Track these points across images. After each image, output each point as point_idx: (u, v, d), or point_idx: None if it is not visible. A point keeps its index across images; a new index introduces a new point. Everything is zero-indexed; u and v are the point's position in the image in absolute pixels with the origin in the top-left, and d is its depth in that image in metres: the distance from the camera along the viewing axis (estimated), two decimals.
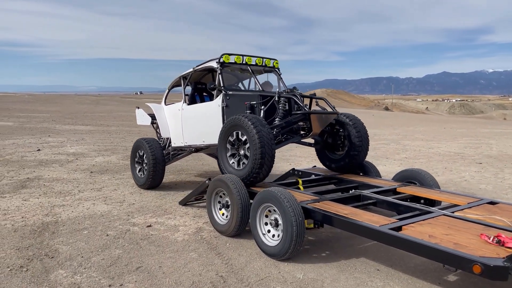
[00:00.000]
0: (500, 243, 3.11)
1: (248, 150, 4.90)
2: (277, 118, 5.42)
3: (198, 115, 6.60)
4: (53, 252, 4.28)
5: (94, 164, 9.66)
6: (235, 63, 6.25)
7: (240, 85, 7.11)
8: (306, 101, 5.84)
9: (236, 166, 5.15)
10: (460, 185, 8.05)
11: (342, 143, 6.06)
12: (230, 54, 6.16)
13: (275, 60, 6.64)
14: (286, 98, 5.49)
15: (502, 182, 8.36)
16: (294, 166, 8.46)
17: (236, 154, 5.20)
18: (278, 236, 4.16)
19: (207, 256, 4.26)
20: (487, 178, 8.82)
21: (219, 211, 5.04)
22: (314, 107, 5.85)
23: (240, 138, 5.04)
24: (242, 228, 4.69)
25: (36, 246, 4.42)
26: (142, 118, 7.95)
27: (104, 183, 7.65)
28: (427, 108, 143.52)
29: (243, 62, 6.29)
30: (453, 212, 4.08)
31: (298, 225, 3.91)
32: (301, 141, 5.96)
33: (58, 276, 3.72)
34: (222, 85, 5.98)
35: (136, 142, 7.48)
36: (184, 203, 6.21)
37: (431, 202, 4.87)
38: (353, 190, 5.31)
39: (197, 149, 7.15)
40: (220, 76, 6.04)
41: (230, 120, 5.12)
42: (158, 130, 7.66)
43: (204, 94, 7.37)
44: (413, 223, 3.68)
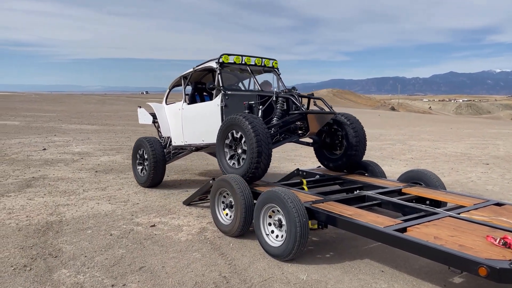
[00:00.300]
0: (506, 245, 3.07)
1: (245, 149, 4.95)
2: (274, 118, 5.47)
3: (198, 115, 6.67)
4: (56, 251, 4.28)
5: (99, 163, 9.69)
6: (234, 63, 6.31)
7: (240, 85, 7.16)
8: (306, 101, 5.90)
9: (233, 164, 5.22)
10: (466, 186, 7.98)
11: (340, 143, 6.12)
12: (229, 55, 6.21)
13: (274, 60, 6.69)
14: (284, 98, 5.53)
15: (509, 183, 8.28)
16: (299, 166, 8.42)
17: (233, 153, 5.26)
18: (282, 236, 4.14)
19: (211, 256, 4.24)
20: (494, 179, 8.74)
21: (223, 211, 5.03)
22: (312, 107, 5.89)
23: (237, 137, 5.10)
24: (245, 228, 4.67)
25: (40, 245, 4.43)
26: (144, 117, 8.07)
27: (108, 183, 7.66)
28: (430, 107, 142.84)
29: (242, 62, 6.34)
30: (459, 213, 4.04)
31: (302, 225, 3.88)
32: (299, 140, 6.02)
33: (61, 275, 3.72)
34: (221, 85, 6.03)
35: (137, 141, 7.57)
36: (188, 203, 6.20)
37: (437, 203, 4.82)
38: (357, 191, 5.28)
39: (197, 148, 7.21)
40: (219, 76, 6.10)
41: (228, 119, 5.19)
42: (159, 129, 7.72)
43: (204, 93, 7.43)
44: (418, 225, 3.65)
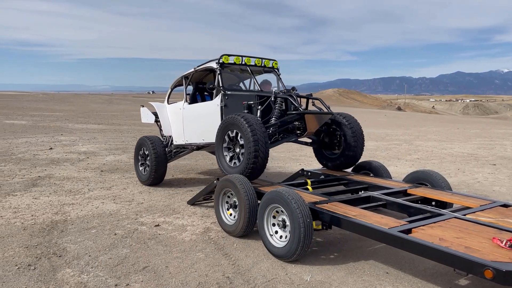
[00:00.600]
0: None
1: (243, 148, 5.02)
2: (273, 118, 5.55)
3: (198, 114, 6.75)
4: (61, 250, 4.30)
5: (104, 163, 9.72)
6: (235, 64, 6.38)
7: (241, 85, 7.22)
8: (305, 101, 5.99)
9: (231, 163, 5.31)
10: (473, 187, 7.90)
11: (338, 142, 6.19)
12: (229, 55, 6.28)
13: (275, 61, 6.77)
14: (282, 98, 5.61)
15: None
16: (304, 166, 8.39)
17: (232, 152, 5.34)
18: (286, 237, 4.12)
19: (214, 256, 4.23)
20: (501, 180, 8.65)
21: (227, 211, 5.02)
22: (311, 108, 5.95)
23: (235, 136, 5.17)
24: (249, 228, 4.66)
25: (44, 245, 4.45)
26: (147, 117, 8.17)
27: (113, 182, 7.68)
28: (433, 107, 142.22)
29: (242, 63, 6.41)
30: (464, 214, 4.00)
31: (305, 226, 3.86)
32: (298, 140, 6.10)
33: (65, 275, 3.73)
34: (221, 85, 6.09)
35: (139, 140, 7.69)
36: (192, 203, 6.20)
37: (443, 204, 4.79)
38: (362, 191, 5.25)
39: (198, 147, 7.28)
40: (219, 76, 6.16)
41: (227, 119, 5.28)
42: (161, 128, 7.82)
43: (205, 93, 7.51)
44: (423, 226, 3.62)
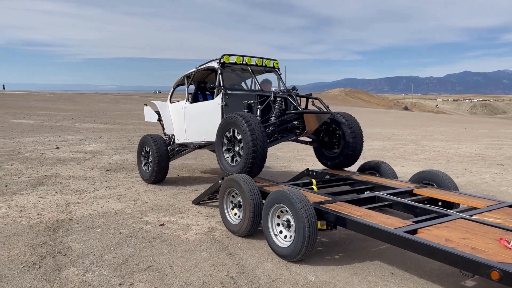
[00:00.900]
0: None
1: (242, 147, 5.07)
2: (272, 117, 5.61)
3: (200, 113, 6.81)
4: (66, 249, 4.31)
5: (110, 162, 9.76)
6: (236, 64, 6.43)
7: (243, 84, 7.26)
8: (305, 101, 6.07)
9: (230, 162, 5.37)
10: (480, 187, 7.83)
11: (338, 142, 6.22)
12: (230, 55, 6.34)
13: (275, 60, 6.82)
14: (282, 97, 5.65)
15: None
16: (309, 166, 8.36)
17: (231, 151, 5.40)
18: (290, 237, 4.10)
19: (219, 256, 4.22)
20: (509, 180, 8.56)
21: (232, 211, 5.01)
22: (310, 107, 6.00)
23: (235, 135, 5.23)
24: (254, 228, 4.64)
25: (49, 243, 4.46)
26: (150, 115, 8.28)
27: (119, 181, 7.71)
28: (437, 105, 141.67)
29: (243, 63, 6.46)
30: (471, 215, 3.96)
31: (310, 226, 3.84)
32: (297, 139, 6.15)
33: (69, 273, 3.74)
34: (222, 84, 6.15)
35: (142, 138, 7.80)
36: (197, 202, 6.20)
37: (449, 205, 4.74)
38: (368, 192, 5.22)
39: (199, 145, 7.34)
40: (220, 76, 6.21)
41: (226, 118, 5.34)
42: (164, 127, 7.87)
43: (207, 93, 7.56)
44: (429, 226, 3.58)
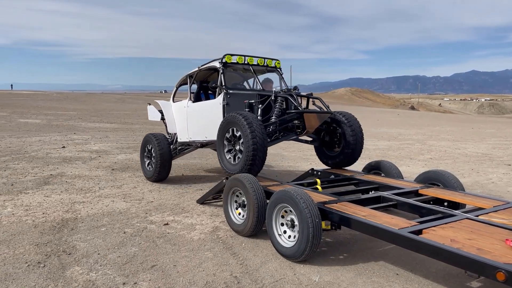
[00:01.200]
0: None
1: (242, 146, 5.10)
2: (272, 116, 5.64)
3: (202, 112, 6.87)
4: (70, 248, 4.33)
5: (116, 161, 9.79)
6: (237, 63, 6.46)
7: (245, 84, 7.28)
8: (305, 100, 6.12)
9: (231, 160, 5.41)
10: (486, 187, 7.76)
11: (338, 141, 6.25)
12: (232, 55, 6.37)
13: (277, 60, 6.86)
14: (282, 97, 5.69)
15: None
16: (314, 166, 8.33)
17: (232, 150, 5.44)
18: (294, 237, 4.09)
19: (222, 256, 4.22)
20: None
21: (236, 211, 5.00)
22: (311, 107, 6.04)
23: (235, 134, 5.27)
24: (258, 228, 4.63)
25: (54, 242, 4.48)
26: (153, 114, 8.34)
27: (124, 181, 7.73)
28: (440, 104, 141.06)
29: (245, 62, 6.49)
30: (477, 215, 3.92)
31: (314, 226, 3.82)
32: (298, 138, 6.19)
33: (74, 272, 3.75)
34: (223, 84, 6.18)
35: (145, 137, 7.82)
36: (201, 202, 6.20)
37: (455, 205, 4.70)
38: (373, 192, 5.19)
39: (201, 144, 7.38)
40: (222, 75, 6.24)
41: (227, 117, 5.39)
42: (166, 126, 7.92)
43: (209, 92, 7.59)
44: (434, 227, 3.55)
